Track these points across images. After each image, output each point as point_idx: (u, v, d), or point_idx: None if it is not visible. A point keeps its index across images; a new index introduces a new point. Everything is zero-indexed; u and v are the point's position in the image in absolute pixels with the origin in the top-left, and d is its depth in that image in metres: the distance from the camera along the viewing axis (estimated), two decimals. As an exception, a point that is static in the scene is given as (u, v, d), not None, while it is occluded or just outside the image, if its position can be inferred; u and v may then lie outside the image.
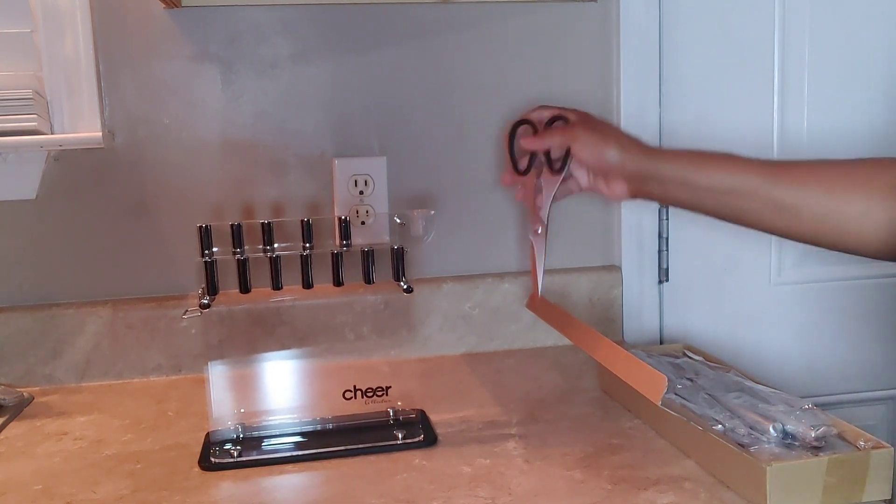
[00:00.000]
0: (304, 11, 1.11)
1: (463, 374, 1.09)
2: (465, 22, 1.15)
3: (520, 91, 1.18)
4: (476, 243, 1.20)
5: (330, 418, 0.88)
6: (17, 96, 1.01)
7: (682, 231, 1.23)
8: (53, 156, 1.08)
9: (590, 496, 0.73)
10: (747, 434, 0.78)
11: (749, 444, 0.76)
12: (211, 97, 1.11)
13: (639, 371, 0.74)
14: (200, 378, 0.87)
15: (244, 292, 0.86)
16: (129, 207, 1.11)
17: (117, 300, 1.10)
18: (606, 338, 0.81)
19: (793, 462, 0.71)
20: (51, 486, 0.78)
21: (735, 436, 0.78)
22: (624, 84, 1.19)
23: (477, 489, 0.74)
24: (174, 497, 0.75)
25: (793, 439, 0.77)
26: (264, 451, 0.84)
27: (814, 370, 1.29)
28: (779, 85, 1.24)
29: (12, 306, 1.08)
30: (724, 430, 0.79)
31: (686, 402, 0.86)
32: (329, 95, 1.13)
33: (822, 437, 0.76)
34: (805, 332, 1.29)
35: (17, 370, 1.07)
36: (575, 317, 0.90)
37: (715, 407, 0.85)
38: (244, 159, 1.12)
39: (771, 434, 0.77)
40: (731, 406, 0.84)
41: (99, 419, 0.96)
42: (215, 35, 1.10)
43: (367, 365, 0.90)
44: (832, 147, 1.26)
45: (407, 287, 0.88)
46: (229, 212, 1.12)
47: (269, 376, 0.89)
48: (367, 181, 1.12)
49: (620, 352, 0.78)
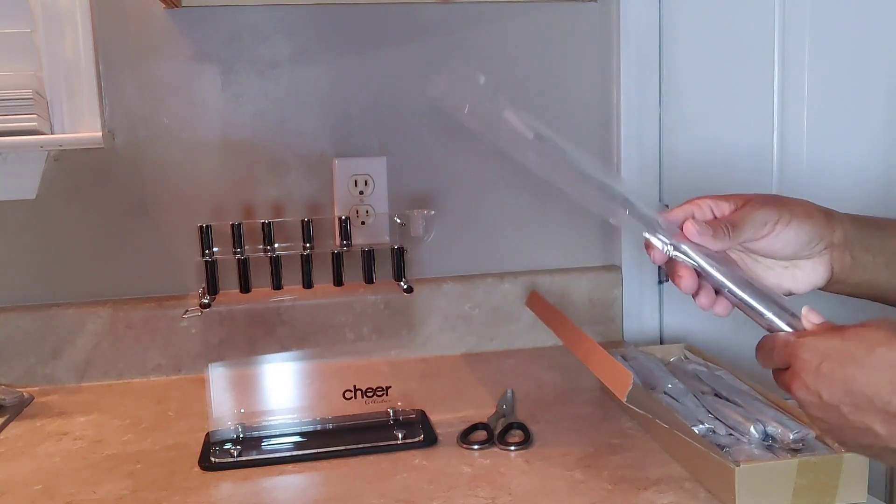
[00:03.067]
0: (304, 11, 1.11)
1: (463, 374, 1.09)
2: (465, 22, 1.15)
3: (520, 91, 1.18)
4: (476, 243, 1.20)
5: (330, 418, 0.88)
6: (17, 96, 1.01)
7: (682, 231, 1.23)
8: (53, 156, 1.08)
9: (590, 496, 0.73)
10: (727, 435, 0.79)
11: (728, 446, 0.76)
12: (211, 97, 1.11)
13: (610, 368, 0.74)
14: (200, 378, 0.87)
15: (244, 292, 0.87)
16: (129, 207, 1.11)
17: (117, 300, 1.10)
18: (587, 335, 0.81)
19: (762, 463, 0.70)
20: (51, 486, 0.78)
21: (715, 437, 0.78)
22: (624, 84, 1.19)
23: (477, 489, 0.74)
24: (174, 497, 0.75)
25: (773, 441, 0.77)
26: (264, 451, 0.84)
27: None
28: (778, 84, 1.24)
29: (12, 306, 1.08)
30: (706, 430, 0.79)
31: (673, 403, 0.87)
32: (329, 95, 1.14)
33: (801, 439, 0.76)
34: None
35: (17, 370, 1.07)
36: (565, 315, 0.89)
37: (700, 408, 0.85)
38: (244, 159, 1.12)
39: (752, 435, 0.78)
40: (716, 407, 0.84)
41: (99, 419, 0.96)
42: (215, 35, 1.10)
43: (367, 365, 0.90)
44: (832, 144, 1.26)
45: (407, 287, 0.88)
46: (229, 212, 1.12)
47: (269, 376, 0.89)
48: (367, 181, 1.12)
49: (597, 348, 0.78)
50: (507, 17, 1.16)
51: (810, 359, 0.55)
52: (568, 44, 1.19)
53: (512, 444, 0.84)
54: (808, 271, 0.67)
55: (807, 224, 0.64)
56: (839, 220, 0.66)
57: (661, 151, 1.22)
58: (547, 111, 1.19)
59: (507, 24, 1.16)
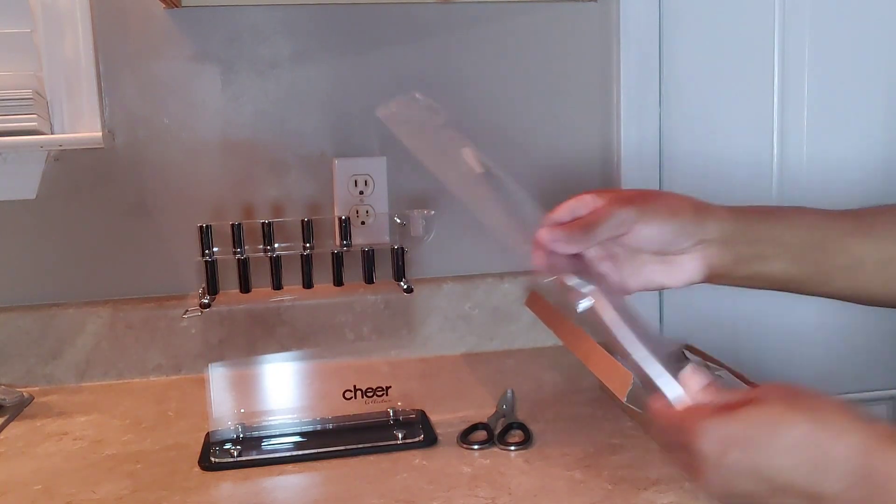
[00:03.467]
0: (303, 11, 1.11)
1: (463, 374, 1.09)
2: (465, 22, 1.15)
3: (520, 91, 1.18)
4: (476, 243, 1.20)
5: (330, 418, 0.88)
6: (17, 96, 1.00)
7: (682, 231, 1.23)
8: (53, 156, 1.08)
9: (590, 496, 0.73)
10: None
11: None
12: (211, 97, 1.11)
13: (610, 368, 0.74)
14: (200, 378, 0.87)
15: (244, 292, 0.87)
16: (129, 207, 1.11)
17: (117, 300, 1.10)
18: (587, 335, 0.81)
19: None
20: (51, 486, 0.78)
21: None
22: (624, 84, 1.19)
23: (477, 489, 0.74)
24: (174, 497, 0.75)
25: None
26: (264, 451, 0.84)
27: (814, 370, 1.29)
28: (779, 84, 1.24)
29: (12, 306, 1.08)
30: None
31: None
32: (329, 95, 1.13)
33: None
34: (805, 333, 1.29)
35: (17, 370, 1.07)
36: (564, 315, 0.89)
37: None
38: (244, 159, 1.12)
39: None
40: None
41: (99, 419, 0.96)
42: (215, 35, 1.10)
43: (367, 365, 0.90)
44: (832, 143, 1.26)
45: (407, 287, 0.88)
46: (229, 212, 1.12)
47: (269, 376, 0.89)
48: (367, 181, 1.12)
49: (596, 348, 0.78)
50: (507, 17, 1.16)
51: (711, 450, 0.50)
52: (568, 44, 1.19)
53: (512, 444, 0.84)
54: (682, 266, 0.66)
55: (670, 222, 0.64)
56: (714, 216, 0.65)
57: (661, 151, 1.22)
58: (547, 111, 1.19)
59: (507, 24, 1.16)
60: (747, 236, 0.65)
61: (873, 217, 0.67)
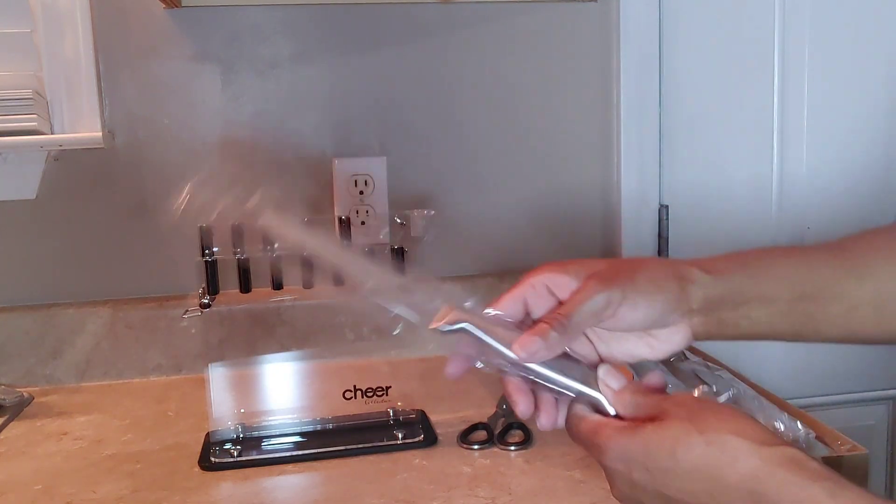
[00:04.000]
0: (304, 11, 1.11)
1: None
2: (465, 22, 1.15)
3: (520, 91, 1.18)
4: (476, 243, 1.20)
5: (330, 418, 0.88)
6: (17, 96, 1.01)
7: (682, 231, 1.23)
8: (53, 156, 1.08)
9: (590, 496, 0.73)
10: None
11: None
12: (211, 97, 1.11)
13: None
14: (200, 378, 0.87)
15: (244, 292, 0.87)
16: (130, 207, 1.11)
17: (117, 300, 1.10)
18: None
19: None
20: (51, 486, 0.78)
21: None
22: (624, 84, 1.19)
23: (477, 489, 0.74)
24: (174, 497, 0.75)
25: None
26: (264, 451, 0.84)
27: (814, 370, 1.29)
28: (779, 84, 1.24)
29: (12, 306, 1.08)
30: None
31: None
32: (329, 95, 1.13)
33: (801, 439, 0.76)
34: (805, 332, 1.29)
35: (17, 370, 1.07)
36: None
37: None
38: (244, 159, 1.12)
39: None
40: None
41: (99, 419, 0.96)
42: (215, 35, 1.10)
43: (367, 365, 0.90)
44: (831, 143, 1.26)
45: (407, 287, 0.88)
46: (229, 212, 1.12)
47: (269, 376, 0.89)
48: (367, 181, 1.12)
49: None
50: (507, 17, 1.16)
51: (618, 468, 0.51)
52: (568, 44, 1.19)
53: (512, 444, 0.84)
54: (665, 339, 0.60)
55: (658, 300, 0.58)
56: (699, 284, 0.60)
57: (661, 151, 1.22)
58: (547, 111, 1.19)
59: (507, 24, 1.16)
60: (733, 299, 0.61)
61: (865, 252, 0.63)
